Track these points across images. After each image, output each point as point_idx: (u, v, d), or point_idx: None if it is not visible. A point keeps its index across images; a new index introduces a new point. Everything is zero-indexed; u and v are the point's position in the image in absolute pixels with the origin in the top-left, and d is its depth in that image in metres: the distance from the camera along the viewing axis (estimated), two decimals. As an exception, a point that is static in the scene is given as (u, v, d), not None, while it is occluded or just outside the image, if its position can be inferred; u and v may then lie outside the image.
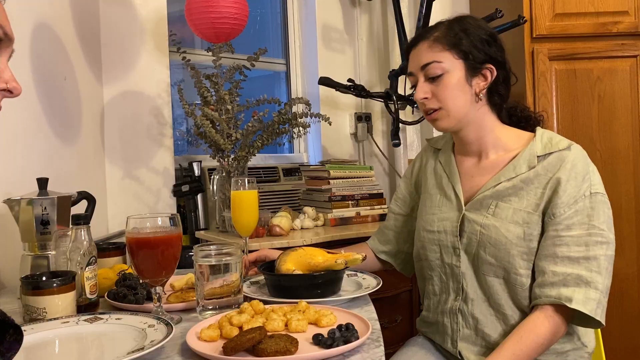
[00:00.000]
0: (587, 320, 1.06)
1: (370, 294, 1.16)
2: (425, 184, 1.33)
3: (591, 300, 1.04)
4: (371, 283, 1.23)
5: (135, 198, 2.21)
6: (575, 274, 1.05)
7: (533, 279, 1.11)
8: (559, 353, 1.14)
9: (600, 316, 1.04)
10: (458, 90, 1.15)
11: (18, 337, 0.66)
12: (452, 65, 1.15)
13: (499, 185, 1.16)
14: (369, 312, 1.06)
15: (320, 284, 1.13)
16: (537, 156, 1.14)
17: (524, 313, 1.13)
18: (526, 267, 1.11)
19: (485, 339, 1.17)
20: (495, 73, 1.16)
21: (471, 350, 1.19)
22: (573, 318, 1.08)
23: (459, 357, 1.21)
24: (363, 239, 1.96)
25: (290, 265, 1.21)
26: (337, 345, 0.83)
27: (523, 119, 1.25)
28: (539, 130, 1.19)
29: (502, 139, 1.20)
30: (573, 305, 1.03)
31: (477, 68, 1.15)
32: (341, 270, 1.18)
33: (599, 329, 1.31)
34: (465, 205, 1.20)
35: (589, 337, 1.19)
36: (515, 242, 1.11)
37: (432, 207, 1.27)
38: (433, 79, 1.16)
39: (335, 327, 0.90)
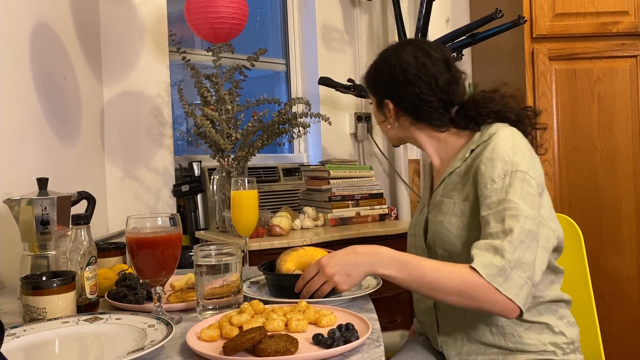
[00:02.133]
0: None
1: (370, 294, 1.16)
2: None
3: (493, 265, 0.99)
4: (371, 283, 1.23)
5: (135, 198, 2.21)
6: (489, 242, 1.03)
7: None
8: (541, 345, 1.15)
9: (503, 287, 0.98)
10: (376, 117, 1.34)
11: (0, 327, 0.66)
12: (372, 98, 1.34)
13: (443, 183, 1.23)
14: (369, 312, 1.06)
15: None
16: (471, 149, 1.18)
17: None
18: None
19: (465, 330, 1.18)
20: (391, 106, 1.26)
21: (452, 344, 1.21)
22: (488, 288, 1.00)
23: (441, 351, 1.24)
24: (363, 239, 1.97)
25: (291, 265, 1.21)
26: (337, 345, 0.83)
27: (472, 119, 1.23)
28: (487, 126, 1.20)
29: (446, 144, 1.26)
30: (473, 264, 1.00)
31: (380, 103, 1.30)
32: None
33: (599, 331, 1.31)
34: (428, 207, 1.28)
35: (566, 329, 1.18)
36: (457, 232, 1.15)
37: (415, 213, 1.39)
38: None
39: (335, 327, 0.90)
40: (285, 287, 1.15)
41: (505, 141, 1.12)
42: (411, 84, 1.22)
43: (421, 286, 1.04)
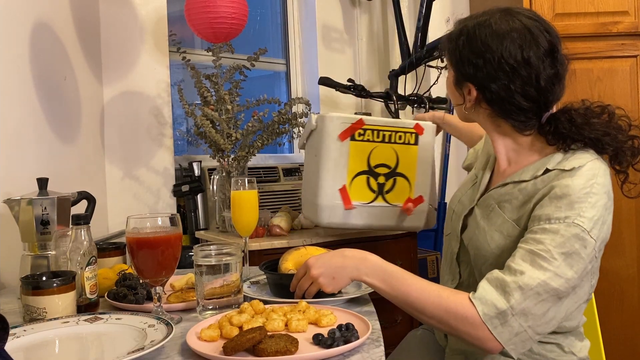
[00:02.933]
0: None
1: (370, 294, 1.16)
2: (477, 159, 1.32)
3: (493, 307, 0.94)
4: (371, 283, 1.23)
5: (135, 198, 2.21)
6: (502, 277, 0.96)
7: None
8: None
9: (496, 330, 0.93)
10: (451, 91, 1.16)
11: (4, 325, 0.66)
12: (449, 66, 1.14)
13: (502, 188, 1.11)
14: (369, 312, 1.06)
15: None
16: (547, 168, 1.04)
17: None
18: None
19: None
20: (474, 93, 1.08)
21: (458, 339, 1.18)
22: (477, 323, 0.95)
23: (445, 339, 1.23)
24: (363, 240, 1.97)
25: (290, 264, 1.22)
26: (337, 345, 0.83)
27: (561, 138, 1.07)
28: (575, 152, 1.04)
29: (521, 147, 1.11)
30: (473, 297, 0.95)
31: (460, 82, 1.12)
32: None
33: (599, 331, 1.31)
34: (478, 199, 1.18)
35: (576, 346, 1.14)
36: (495, 250, 1.07)
37: (463, 185, 1.28)
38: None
39: (335, 327, 0.90)
40: (284, 286, 1.15)
41: (583, 183, 0.98)
42: (507, 78, 1.03)
43: (403, 302, 1.01)
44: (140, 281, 1.14)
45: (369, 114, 2.86)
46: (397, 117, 2.40)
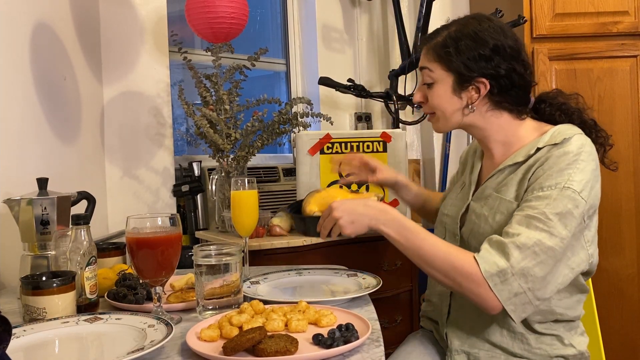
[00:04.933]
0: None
1: (370, 294, 1.16)
2: (464, 169, 1.38)
3: (494, 265, 1.00)
4: (371, 283, 1.23)
5: (135, 198, 2.21)
6: (500, 240, 1.03)
7: None
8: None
9: (496, 288, 0.99)
10: (446, 100, 1.18)
11: (7, 327, 0.66)
12: (441, 76, 1.17)
13: (499, 175, 1.17)
14: (369, 312, 1.06)
15: None
16: (538, 147, 1.12)
17: None
18: None
19: (474, 323, 1.17)
20: (488, 87, 1.13)
21: (457, 334, 1.21)
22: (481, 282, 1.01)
23: (445, 340, 1.23)
24: (363, 239, 1.97)
25: (315, 207, 1.29)
26: (337, 345, 0.83)
27: (553, 112, 1.23)
28: (560, 125, 1.15)
29: (515, 134, 1.18)
30: (477, 256, 1.02)
31: (467, 82, 1.15)
32: None
33: (599, 331, 1.31)
34: (473, 195, 1.23)
35: (575, 340, 1.17)
36: (499, 231, 1.10)
37: (452, 191, 1.35)
38: (428, 84, 1.20)
39: (335, 327, 0.90)
40: (309, 228, 1.27)
41: (573, 152, 1.07)
42: (515, 62, 1.13)
43: (414, 255, 1.09)
44: (140, 281, 1.14)
45: (369, 114, 2.86)
46: (397, 117, 2.40)
